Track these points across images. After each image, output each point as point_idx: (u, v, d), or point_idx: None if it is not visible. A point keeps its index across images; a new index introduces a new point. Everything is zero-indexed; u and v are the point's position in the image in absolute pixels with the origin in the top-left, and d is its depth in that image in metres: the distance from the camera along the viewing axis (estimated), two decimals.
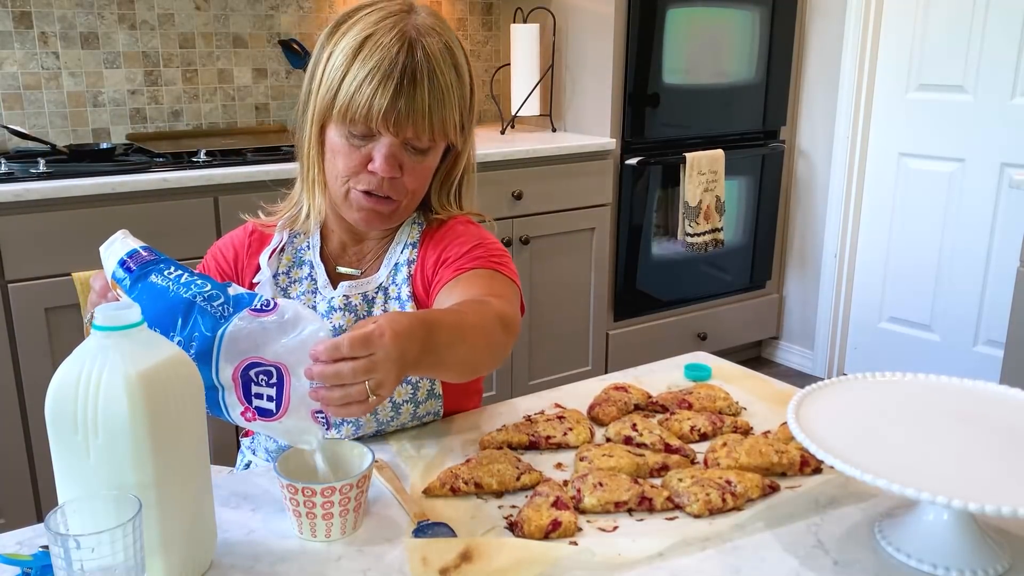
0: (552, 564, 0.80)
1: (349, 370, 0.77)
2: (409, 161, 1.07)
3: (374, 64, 1.01)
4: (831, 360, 3.41)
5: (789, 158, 3.38)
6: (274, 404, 0.85)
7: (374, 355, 0.78)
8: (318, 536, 0.86)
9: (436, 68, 1.03)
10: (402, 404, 1.10)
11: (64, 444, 0.73)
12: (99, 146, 2.34)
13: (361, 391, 0.78)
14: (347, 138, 1.06)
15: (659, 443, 1.03)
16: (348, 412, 0.80)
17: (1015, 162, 2.81)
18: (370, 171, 1.06)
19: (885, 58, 3.09)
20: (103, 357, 0.72)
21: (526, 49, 2.95)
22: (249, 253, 1.19)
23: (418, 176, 1.09)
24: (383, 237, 1.18)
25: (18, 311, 1.98)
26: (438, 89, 1.03)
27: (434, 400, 1.13)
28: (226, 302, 0.85)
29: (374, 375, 0.78)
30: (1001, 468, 0.81)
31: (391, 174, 1.06)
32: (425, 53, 1.02)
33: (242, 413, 0.85)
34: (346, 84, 1.02)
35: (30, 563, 0.77)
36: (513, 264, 1.16)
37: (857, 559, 0.83)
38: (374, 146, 1.05)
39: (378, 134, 1.04)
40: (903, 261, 3.15)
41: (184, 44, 2.64)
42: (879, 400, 0.94)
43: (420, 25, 1.04)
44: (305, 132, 1.11)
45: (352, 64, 1.02)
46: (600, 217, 2.87)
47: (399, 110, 1.02)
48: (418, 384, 1.11)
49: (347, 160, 1.07)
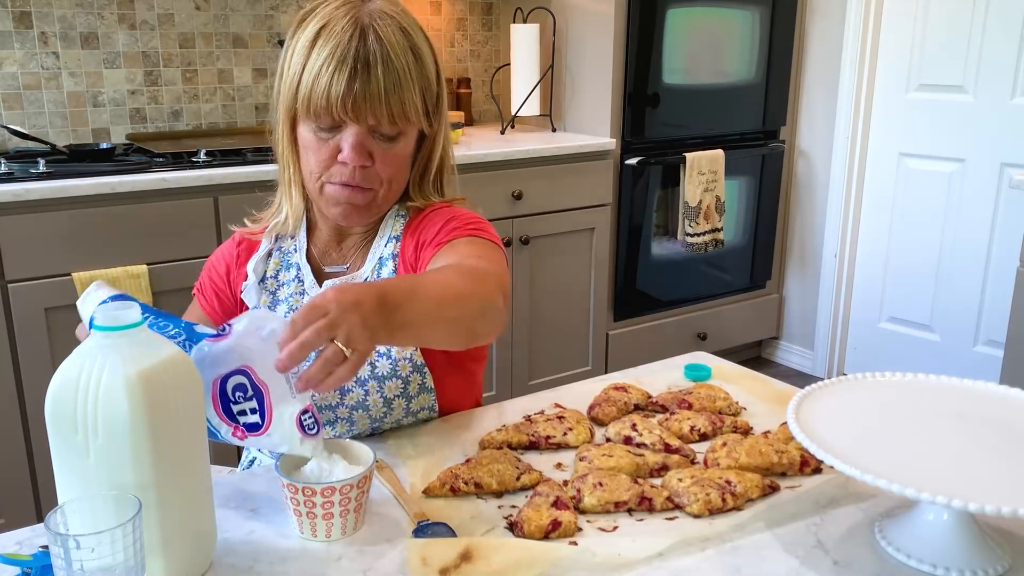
0: (552, 564, 0.80)
1: (312, 332, 0.76)
2: (379, 148, 1.07)
3: (328, 52, 1.02)
4: (831, 360, 3.41)
5: (789, 158, 3.38)
6: (258, 416, 0.85)
7: (328, 313, 0.77)
8: (318, 536, 0.86)
9: (390, 51, 1.03)
10: (393, 399, 1.10)
11: (64, 444, 0.73)
12: (99, 146, 2.34)
13: (336, 351, 0.77)
14: (315, 132, 1.07)
15: (659, 443, 1.03)
16: (335, 378, 0.78)
17: (1015, 162, 2.81)
18: (341, 162, 1.07)
19: (885, 58, 3.09)
20: (103, 357, 0.72)
21: (526, 49, 2.95)
22: (239, 263, 1.21)
23: (391, 163, 1.09)
24: (367, 232, 1.18)
25: (18, 311, 1.98)
26: (394, 72, 1.04)
27: (426, 394, 1.13)
28: (188, 339, 0.86)
29: (337, 331, 0.77)
30: (1001, 468, 0.81)
31: (361, 162, 1.06)
32: (377, 37, 1.03)
33: (232, 433, 0.86)
34: (305, 76, 1.04)
35: (30, 563, 0.77)
36: (493, 229, 1.15)
37: (857, 559, 0.83)
38: (342, 137, 1.06)
39: (344, 124, 1.05)
40: (903, 261, 3.15)
41: (184, 44, 2.64)
42: (879, 400, 0.94)
43: (373, 11, 1.05)
44: (278, 133, 1.12)
45: (309, 56, 1.04)
46: (600, 217, 2.87)
47: (355, 95, 1.02)
48: (408, 378, 1.11)
49: (318, 155, 1.07)
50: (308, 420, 0.86)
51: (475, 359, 1.22)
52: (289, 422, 0.85)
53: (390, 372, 1.10)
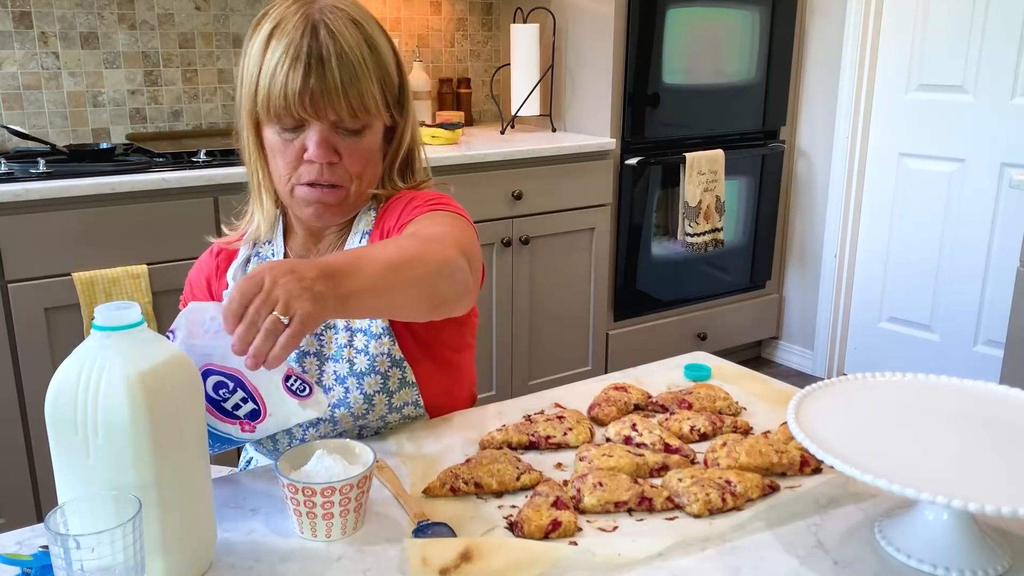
0: (552, 564, 0.80)
1: (253, 309, 0.76)
2: (344, 144, 1.07)
3: (281, 51, 1.02)
4: (831, 360, 3.41)
5: (789, 158, 3.38)
6: (252, 403, 0.85)
7: (263, 285, 0.76)
8: (318, 536, 0.86)
9: (343, 44, 1.03)
10: (374, 395, 1.10)
11: (64, 444, 0.73)
12: (99, 146, 2.34)
13: (273, 320, 0.75)
14: (280, 135, 1.07)
15: (659, 443, 1.03)
16: (280, 347, 0.75)
17: (1015, 162, 2.81)
18: (307, 161, 1.06)
19: (885, 58, 3.09)
20: (103, 357, 0.72)
21: (526, 49, 2.95)
22: (219, 274, 1.21)
23: (358, 158, 1.09)
24: (341, 231, 1.17)
25: (18, 311, 1.98)
26: (349, 64, 1.03)
27: (408, 389, 1.12)
28: None
29: (275, 299, 0.76)
30: (1001, 468, 0.81)
31: (327, 158, 1.06)
32: (329, 31, 1.03)
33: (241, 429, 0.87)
34: (262, 78, 1.04)
35: (30, 563, 0.77)
36: (458, 204, 1.13)
37: (857, 559, 0.83)
38: (306, 135, 1.06)
39: (306, 123, 1.05)
40: (903, 261, 3.15)
41: (184, 44, 2.64)
42: (879, 400, 0.94)
43: (324, 6, 1.05)
44: (243, 139, 1.12)
45: (264, 57, 1.04)
46: (600, 217, 2.87)
47: (312, 90, 1.02)
48: (387, 374, 1.10)
49: (284, 156, 1.07)
50: (295, 384, 0.86)
51: (456, 349, 1.20)
52: (280, 395, 0.84)
53: (368, 368, 1.10)
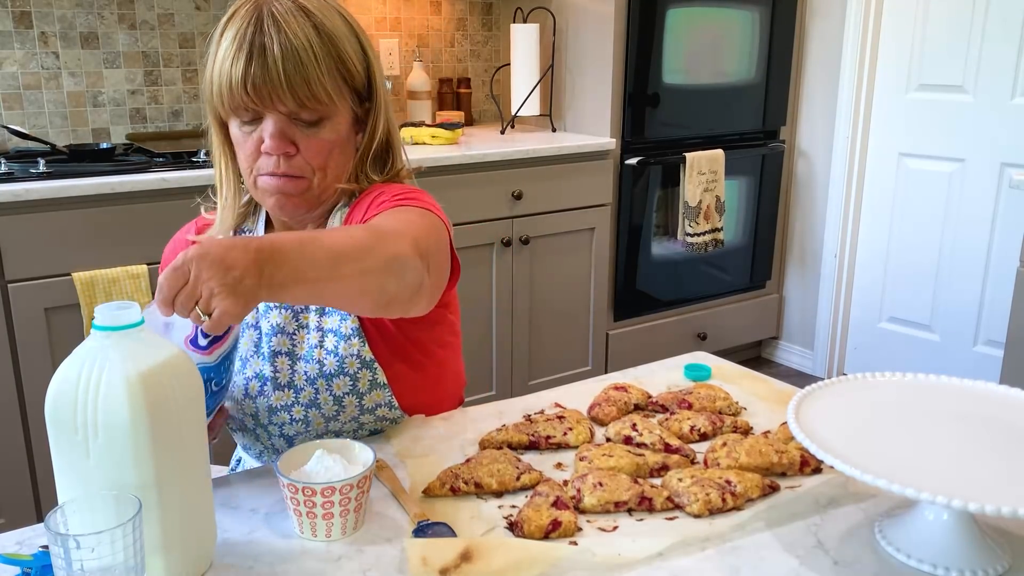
0: (552, 564, 0.80)
1: (179, 304, 0.77)
2: (302, 135, 1.06)
3: (228, 42, 1.03)
4: (831, 360, 3.41)
5: (789, 158, 3.38)
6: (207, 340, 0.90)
7: (189, 277, 0.76)
8: (318, 536, 0.86)
9: (288, 33, 1.02)
10: (344, 397, 1.10)
11: (64, 444, 0.73)
12: (99, 146, 2.34)
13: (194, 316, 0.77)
14: (240, 128, 1.07)
15: (659, 443, 1.03)
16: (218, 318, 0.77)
17: (1015, 162, 2.81)
18: (264, 152, 1.06)
19: (885, 58, 3.09)
20: (103, 357, 0.72)
21: (526, 49, 2.95)
22: None
23: (317, 151, 1.07)
24: (317, 226, 1.15)
25: (18, 311, 1.98)
26: (293, 53, 1.02)
27: (379, 391, 1.10)
28: None
29: (198, 291, 0.76)
30: (1001, 468, 0.81)
31: (282, 149, 1.05)
32: (274, 20, 1.02)
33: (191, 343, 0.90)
34: (214, 71, 1.05)
35: (30, 563, 0.77)
36: (429, 197, 1.10)
37: (857, 559, 0.83)
38: (263, 127, 1.05)
39: (263, 115, 1.05)
40: (903, 261, 3.15)
41: (184, 44, 2.64)
42: (879, 400, 0.94)
43: None
44: (210, 136, 1.13)
45: (217, 51, 1.05)
46: (600, 217, 2.87)
47: (253, 79, 1.01)
48: (356, 375, 1.09)
49: (244, 149, 1.07)
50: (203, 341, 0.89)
51: (431, 349, 1.16)
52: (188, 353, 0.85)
53: (337, 369, 1.09)
